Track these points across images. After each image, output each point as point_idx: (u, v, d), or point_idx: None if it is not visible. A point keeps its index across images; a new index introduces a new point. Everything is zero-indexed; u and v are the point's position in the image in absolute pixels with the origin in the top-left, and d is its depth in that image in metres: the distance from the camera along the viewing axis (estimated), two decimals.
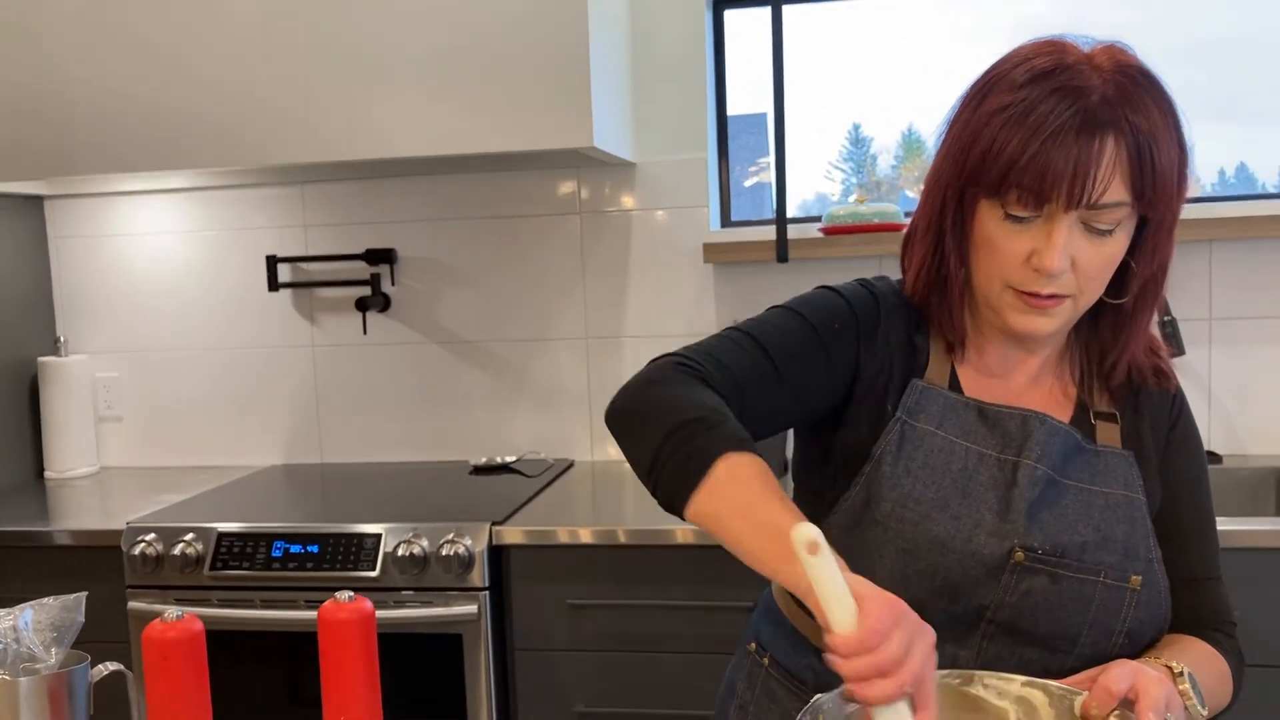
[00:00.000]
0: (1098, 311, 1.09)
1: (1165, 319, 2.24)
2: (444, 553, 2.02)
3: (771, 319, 1.12)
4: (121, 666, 1.00)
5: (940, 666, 1.01)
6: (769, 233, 2.50)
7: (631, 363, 2.61)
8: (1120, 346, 1.11)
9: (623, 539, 2.00)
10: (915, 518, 1.04)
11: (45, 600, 0.96)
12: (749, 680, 1.23)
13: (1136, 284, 1.06)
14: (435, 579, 2.04)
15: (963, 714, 0.89)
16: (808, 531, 0.79)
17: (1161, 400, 1.15)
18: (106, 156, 2.33)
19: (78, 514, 2.39)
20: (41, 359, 2.71)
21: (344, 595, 0.97)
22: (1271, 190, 2.54)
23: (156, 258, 2.79)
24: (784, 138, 2.42)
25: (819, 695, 0.86)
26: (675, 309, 2.58)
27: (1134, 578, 1.05)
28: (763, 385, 1.06)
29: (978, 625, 1.04)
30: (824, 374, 1.09)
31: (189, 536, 2.12)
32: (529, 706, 2.08)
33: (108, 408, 2.84)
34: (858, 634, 0.79)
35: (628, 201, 2.58)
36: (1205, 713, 0.97)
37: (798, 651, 1.16)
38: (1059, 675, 1.03)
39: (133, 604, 2.12)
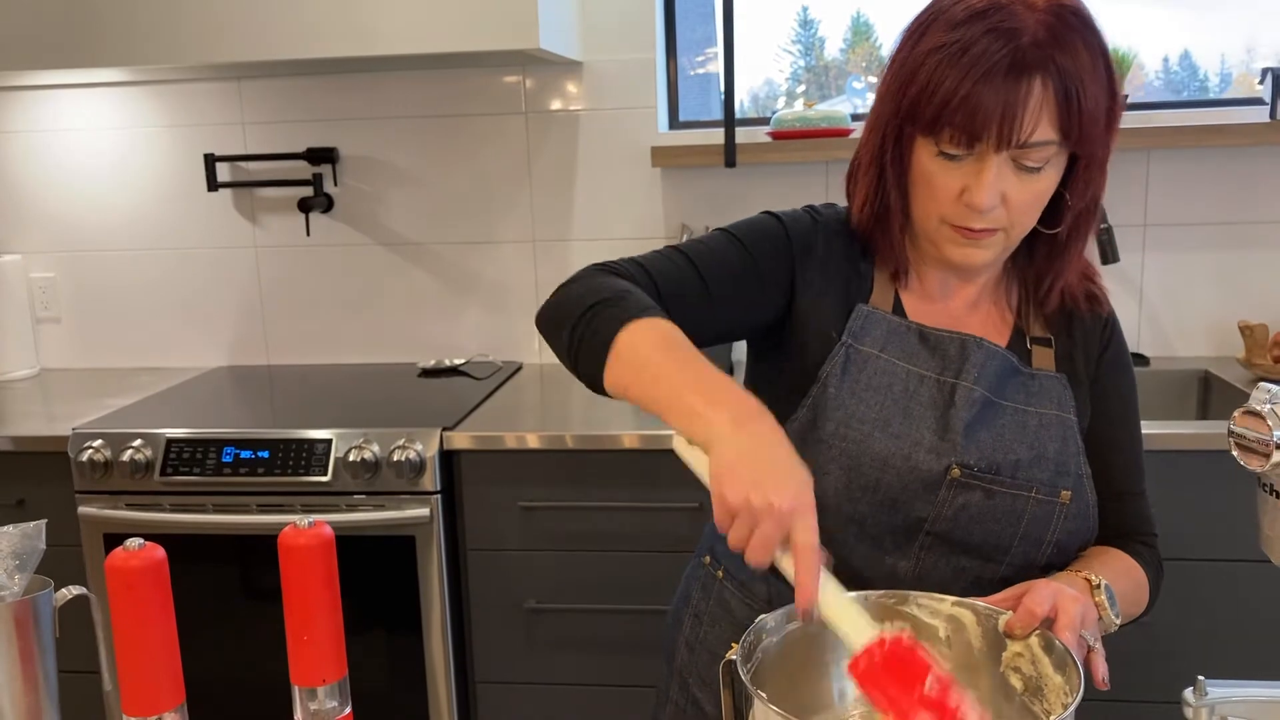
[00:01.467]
0: (1033, 241, 1.13)
1: (1102, 226, 2.29)
2: (395, 458, 2.05)
3: (705, 239, 1.17)
4: (85, 590, 1.02)
5: (880, 575, 1.10)
6: (717, 135, 2.49)
7: (578, 265, 2.59)
8: (1054, 274, 1.15)
9: (570, 444, 2.04)
10: (859, 436, 1.09)
11: (6, 529, 0.97)
12: (704, 591, 1.28)
13: (1070, 216, 1.10)
14: (387, 483, 2.07)
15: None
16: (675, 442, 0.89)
17: (1094, 324, 1.20)
18: (32, 52, 2.24)
19: (21, 418, 2.37)
20: None
21: (304, 521, 0.99)
22: (1214, 83, 2.57)
23: (90, 155, 2.71)
24: (733, 44, 2.39)
25: (763, 615, 0.91)
26: (623, 211, 2.58)
27: (1064, 493, 1.10)
28: (689, 296, 1.11)
29: (916, 536, 1.10)
30: (755, 290, 1.14)
31: (137, 443, 2.13)
32: (481, 604, 2.14)
33: (45, 309, 2.79)
34: (715, 515, 0.88)
35: (574, 102, 2.55)
36: (1118, 622, 1.04)
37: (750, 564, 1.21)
38: (990, 582, 1.10)
39: (83, 509, 2.13)
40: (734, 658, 0.84)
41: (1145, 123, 2.35)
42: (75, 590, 1.02)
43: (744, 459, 0.88)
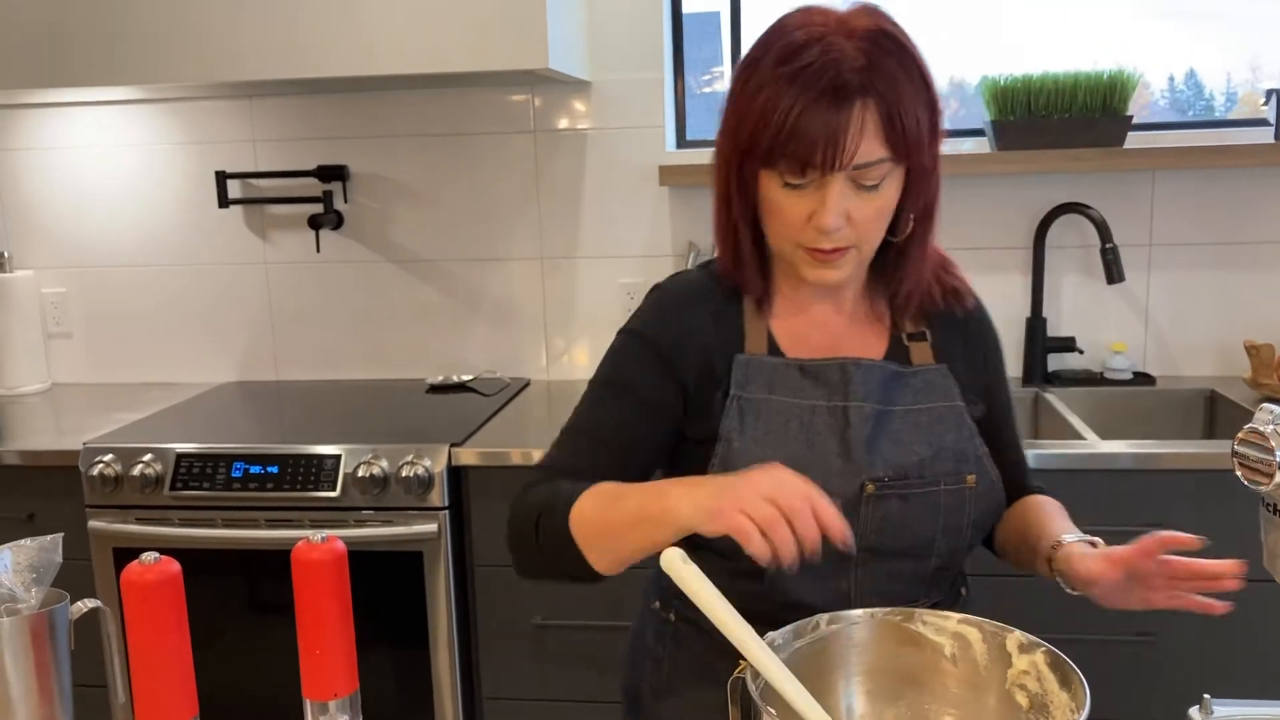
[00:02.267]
0: (883, 249, 1.18)
1: (1106, 246, 2.31)
2: (404, 474, 2.06)
3: (589, 404, 1.24)
4: (99, 603, 1.03)
5: (825, 598, 1.13)
6: None
7: (585, 283, 2.63)
8: (903, 277, 1.21)
9: None
10: None
11: (23, 542, 0.98)
12: (657, 636, 1.30)
13: (907, 223, 1.16)
14: (395, 499, 2.08)
15: (902, 648, 0.96)
16: (669, 555, 0.92)
17: (970, 313, 1.27)
18: (46, 70, 2.27)
19: (32, 433, 2.39)
20: None
21: (316, 536, 1.01)
22: (1219, 102, 2.58)
23: (102, 171, 2.73)
24: None
25: (771, 633, 0.92)
26: (630, 229, 2.60)
27: (969, 477, 1.17)
28: (608, 464, 1.18)
29: (850, 556, 1.13)
30: (656, 419, 1.21)
31: (148, 457, 2.14)
32: (488, 620, 2.15)
33: (56, 324, 2.81)
34: (737, 530, 0.92)
35: (582, 120, 2.57)
36: None
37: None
38: (924, 578, 1.17)
39: (93, 523, 2.14)
40: (743, 675, 0.85)
41: (1151, 143, 2.37)
42: (90, 604, 1.03)
43: (721, 486, 0.96)
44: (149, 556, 0.97)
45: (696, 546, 0.99)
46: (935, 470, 1.15)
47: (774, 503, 0.92)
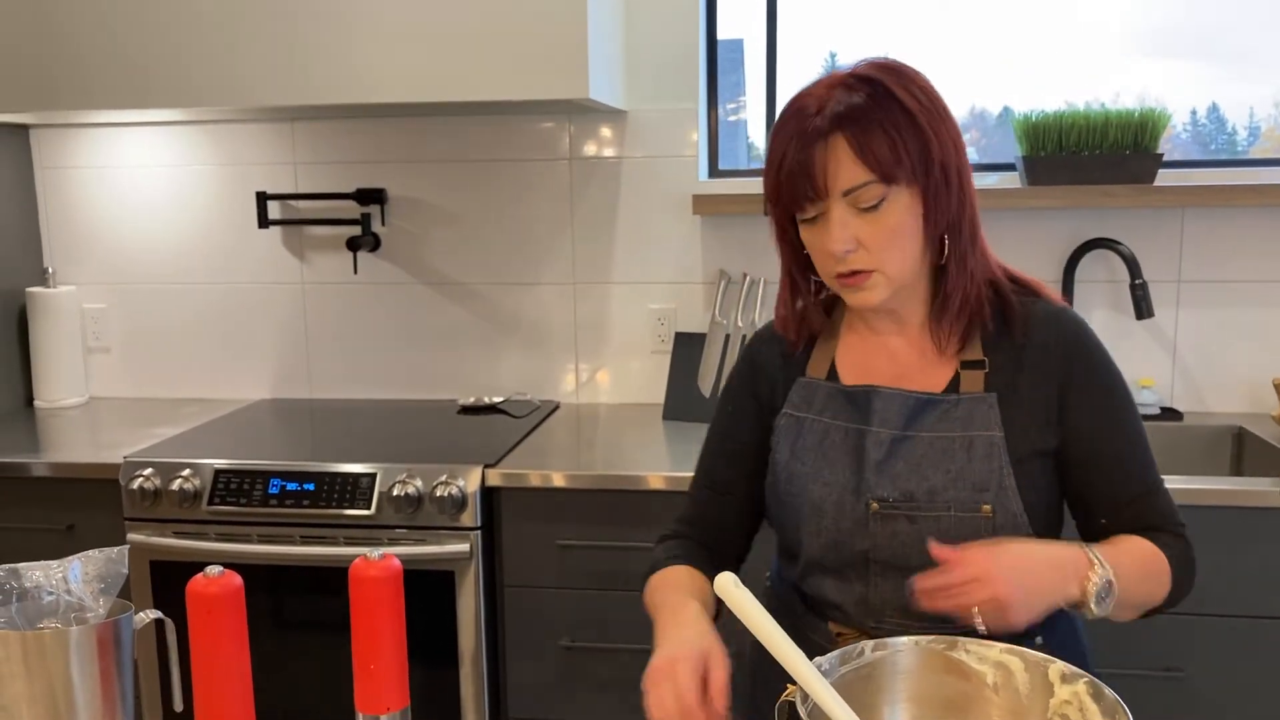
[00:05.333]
0: (938, 274, 1.26)
1: (1136, 282, 2.33)
2: (438, 493, 2.09)
3: (708, 447, 1.42)
4: (161, 614, 1.06)
5: (850, 600, 1.24)
6: (755, 184, 2.54)
7: (617, 308, 2.66)
8: (945, 298, 1.25)
9: (608, 484, 2.08)
10: (800, 489, 1.27)
11: (91, 553, 1.02)
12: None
13: (937, 241, 1.23)
14: (429, 518, 2.11)
15: (946, 676, 0.98)
16: (722, 579, 1.01)
17: (1046, 346, 1.25)
18: (95, 92, 2.33)
19: (71, 445, 2.43)
20: (30, 289, 2.72)
21: (374, 553, 1.04)
22: (1241, 136, 2.61)
23: (145, 190, 2.79)
24: (775, 94, 2.45)
25: (818, 658, 0.95)
26: (662, 256, 2.63)
27: (984, 506, 1.20)
28: (730, 503, 1.38)
29: (868, 568, 1.23)
30: (755, 451, 1.35)
31: (186, 472, 2.18)
32: (517, 641, 2.17)
33: (96, 339, 2.86)
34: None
35: (617, 149, 2.61)
36: (1097, 612, 1.11)
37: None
38: None
39: (132, 536, 2.18)
40: (793, 699, 0.87)
41: (1181, 181, 2.39)
42: (152, 614, 1.06)
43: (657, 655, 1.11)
44: (213, 570, 1.01)
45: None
46: (946, 497, 1.20)
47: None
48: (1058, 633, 1.25)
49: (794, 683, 0.90)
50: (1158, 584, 1.20)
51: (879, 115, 1.16)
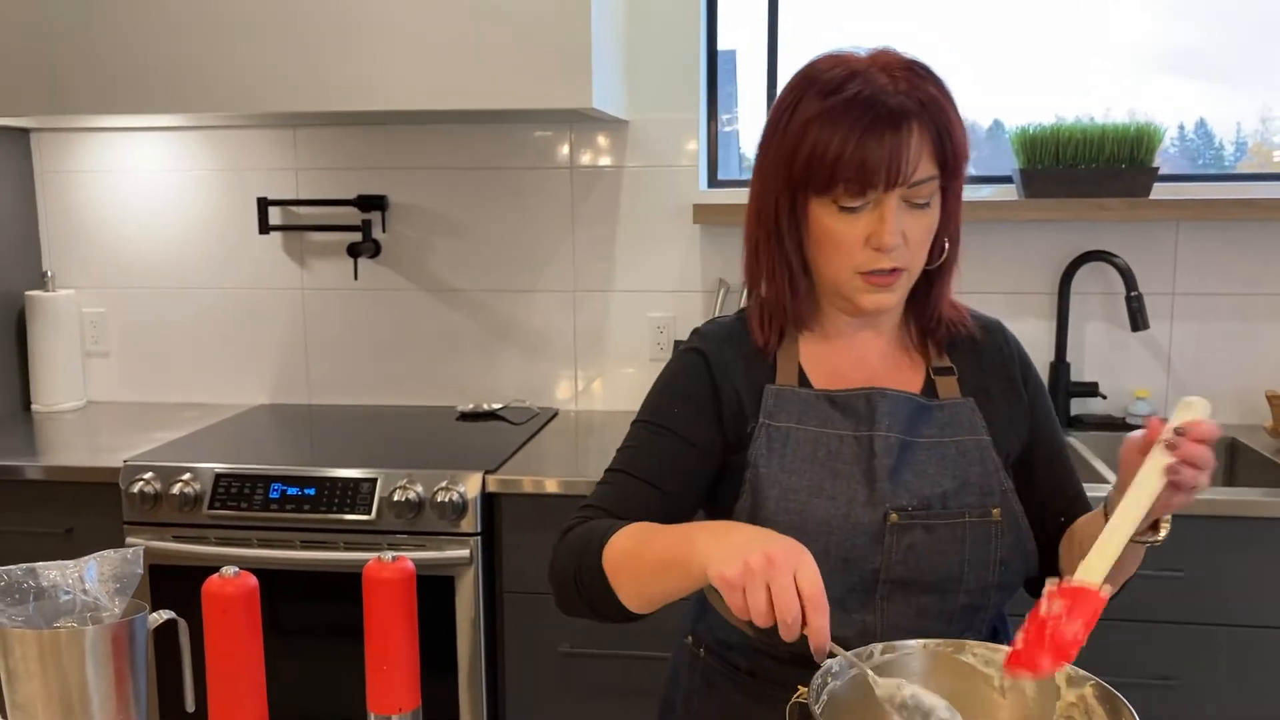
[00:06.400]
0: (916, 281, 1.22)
1: (1132, 294, 2.35)
2: (439, 499, 2.10)
3: (634, 443, 1.25)
4: (174, 614, 1.07)
5: (853, 634, 1.13)
6: None
7: (617, 316, 2.68)
8: (935, 304, 1.25)
9: None
10: (798, 506, 1.16)
11: (106, 553, 1.02)
12: (689, 671, 1.33)
13: (940, 248, 1.21)
14: (429, 524, 2.12)
15: (954, 679, 0.99)
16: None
17: (998, 349, 1.29)
18: (97, 96, 2.33)
19: (69, 449, 2.43)
20: (29, 293, 2.72)
21: (387, 555, 1.05)
22: (1228, 151, 2.65)
23: (145, 195, 2.79)
24: None
25: (828, 660, 0.96)
26: (662, 265, 2.65)
27: (994, 510, 1.18)
28: (650, 504, 1.19)
29: (875, 589, 1.16)
30: (697, 455, 1.22)
31: (187, 476, 2.18)
32: (516, 647, 2.18)
33: (94, 343, 2.86)
34: (727, 599, 0.93)
35: (618, 158, 2.63)
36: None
37: (729, 641, 1.27)
38: (952, 614, 1.18)
39: (131, 539, 2.18)
40: (804, 700, 0.88)
41: (1175, 195, 2.42)
42: (166, 614, 1.07)
43: (732, 544, 0.95)
44: (229, 570, 1.02)
45: None
46: (960, 502, 1.17)
47: (770, 577, 0.90)
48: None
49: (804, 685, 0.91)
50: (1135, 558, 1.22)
51: (951, 110, 1.14)
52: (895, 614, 1.17)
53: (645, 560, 1.05)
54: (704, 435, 1.22)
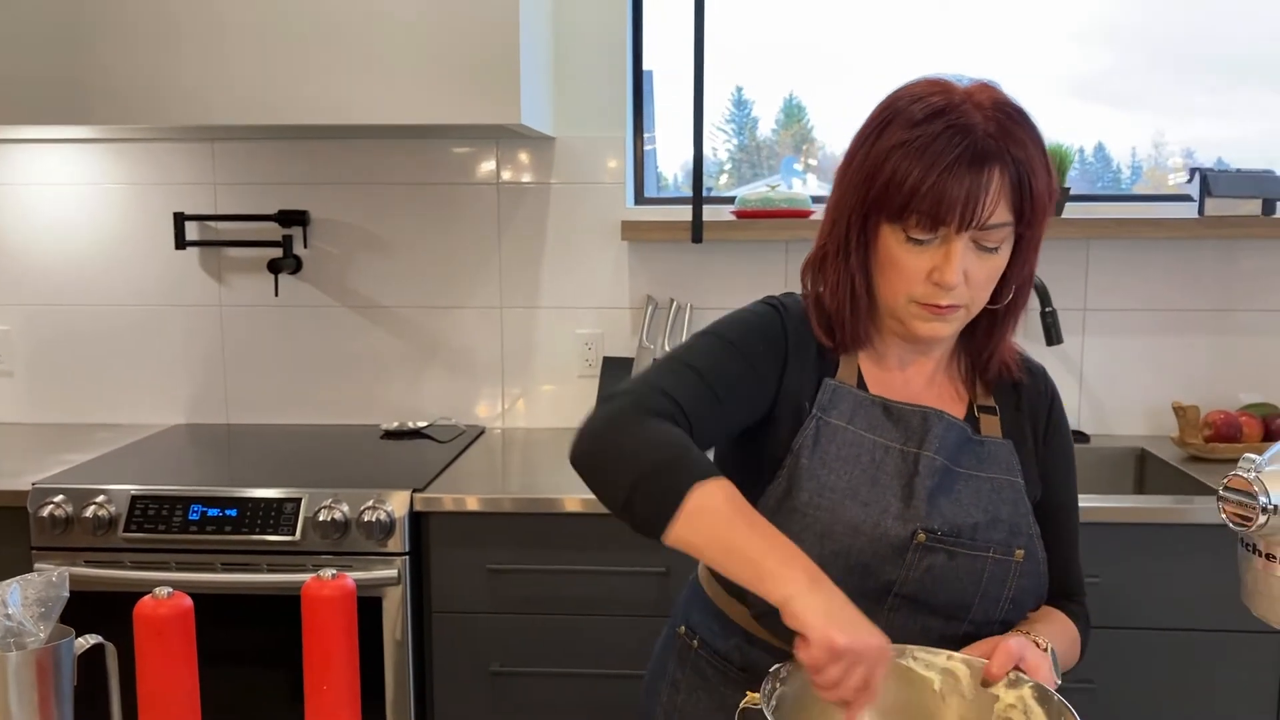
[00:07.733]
0: (977, 316, 1.22)
1: (1046, 310, 2.42)
2: (365, 519, 2.06)
3: (703, 347, 1.21)
4: (101, 639, 1.04)
5: None
6: (680, 211, 2.59)
7: (544, 333, 2.67)
8: (994, 344, 1.26)
9: (539, 508, 2.08)
10: (830, 504, 1.17)
11: (30, 576, 0.99)
12: (679, 661, 1.33)
13: (1008, 291, 1.21)
14: (355, 544, 2.08)
15: (895, 683, 1.01)
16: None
17: (1038, 396, 1.31)
18: (3, 107, 2.26)
19: None
20: None
21: (327, 573, 1.03)
22: (1125, 175, 2.78)
23: (55, 209, 2.70)
24: (702, 125, 2.50)
25: (777, 665, 0.97)
26: (590, 282, 2.65)
27: (1018, 551, 1.20)
28: (707, 411, 1.16)
29: (885, 599, 1.17)
30: (755, 393, 1.21)
31: (100, 499, 2.11)
32: (446, 668, 2.15)
33: None
34: (815, 655, 0.94)
35: (546, 175, 2.63)
36: (1058, 682, 1.13)
37: (725, 634, 1.28)
38: (954, 639, 1.18)
39: (39, 565, 2.09)
40: (756, 705, 0.89)
41: (1087, 214, 2.51)
42: (93, 639, 1.03)
43: (836, 612, 0.96)
44: (161, 591, 0.99)
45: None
46: (988, 537, 1.19)
47: (863, 664, 0.95)
48: None
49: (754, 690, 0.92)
50: (1073, 657, 1.28)
51: (1038, 161, 1.12)
52: (899, 627, 1.15)
53: (735, 542, 1.02)
54: (770, 379, 1.21)
